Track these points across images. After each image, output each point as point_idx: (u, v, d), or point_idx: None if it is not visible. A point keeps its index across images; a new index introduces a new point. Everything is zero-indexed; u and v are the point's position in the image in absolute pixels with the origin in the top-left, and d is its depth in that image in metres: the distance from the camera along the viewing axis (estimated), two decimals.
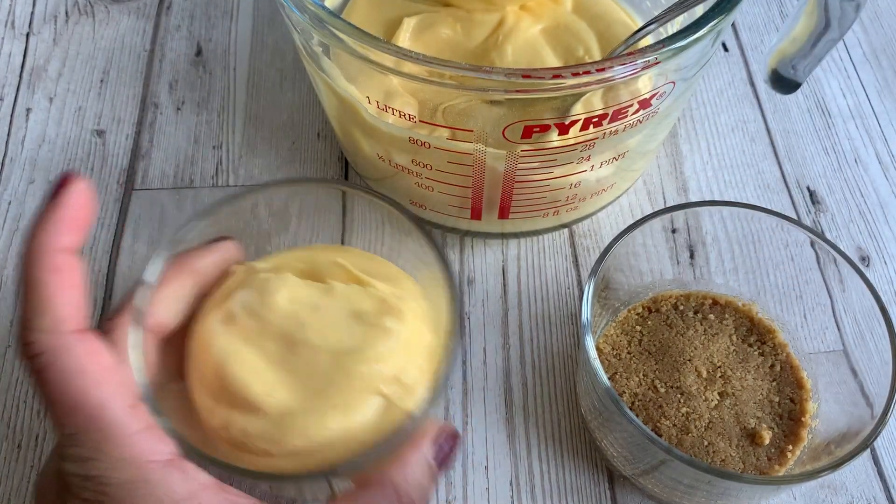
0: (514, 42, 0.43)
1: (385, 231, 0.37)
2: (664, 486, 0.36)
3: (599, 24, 0.45)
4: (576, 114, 0.35)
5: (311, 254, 0.38)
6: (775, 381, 0.40)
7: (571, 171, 0.39)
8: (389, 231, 0.37)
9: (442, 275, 0.33)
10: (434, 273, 0.34)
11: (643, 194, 0.49)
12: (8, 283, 0.45)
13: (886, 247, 0.48)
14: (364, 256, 0.38)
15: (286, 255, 0.38)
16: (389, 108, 0.37)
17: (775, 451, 0.38)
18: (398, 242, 0.37)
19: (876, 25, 0.58)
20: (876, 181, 0.51)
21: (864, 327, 0.37)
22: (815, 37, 0.41)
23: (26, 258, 0.28)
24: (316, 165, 0.50)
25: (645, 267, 0.41)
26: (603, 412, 0.36)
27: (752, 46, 0.57)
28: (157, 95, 0.53)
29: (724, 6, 0.34)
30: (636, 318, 0.42)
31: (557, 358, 0.43)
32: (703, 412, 0.38)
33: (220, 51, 0.55)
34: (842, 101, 0.54)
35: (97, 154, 0.50)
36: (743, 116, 0.53)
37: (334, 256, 0.37)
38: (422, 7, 0.45)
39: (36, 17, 0.56)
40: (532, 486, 0.40)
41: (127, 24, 0.56)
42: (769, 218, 0.39)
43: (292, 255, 0.38)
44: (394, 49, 0.32)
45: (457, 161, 0.38)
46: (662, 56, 0.33)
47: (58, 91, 0.53)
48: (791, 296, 0.41)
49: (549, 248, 0.47)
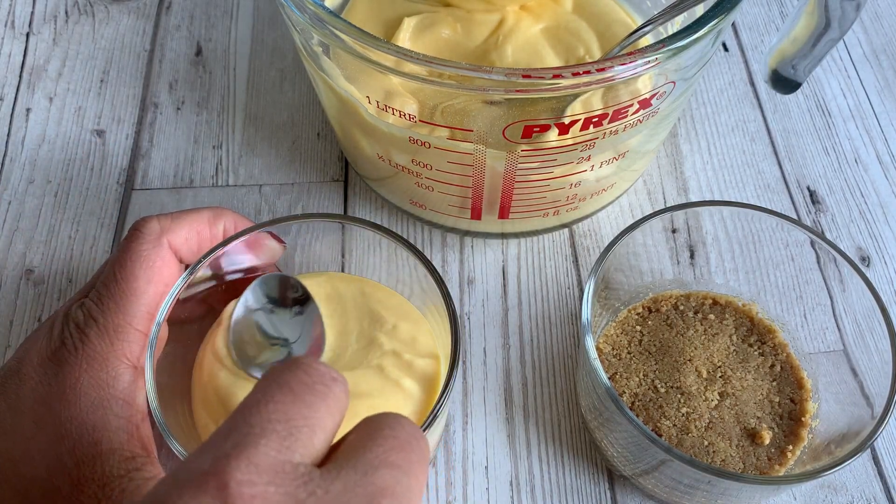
0: (514, 42, 0.43)
1: (386, 258, 0.39)
2: (664, 486, 0.36)
3: (599, 24, 0.45)
4: (576, 113, 0.35)
5: (330, 281, 0.38)
6: (775, 381, 0.40)
7: (571, 171, 0.39)
8: (393, 260, 0.38)
9: (446, 310, 0.35)
10: (438, 305, 0.36)
11: (643, 194, 0.49)
12: (8, 283, 0.45)
13: (886, 247, 0.48)
14: (375, 286, 0.39)
15: (306, 280, 0.38)
16: (389, 108, 0.37)
17: (775, 451, 0.38)
18: (401, 271, 0.38)
19: (876, 25, 0.58)
20: (876, 181, 0.51)
21: (864, 327, 0.37)
22: (816, 37, 0.41)
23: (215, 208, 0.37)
24: (316, 165, 0.50)
25: (645, 267, 0.41)
26: (603, 412, 0.36)
27: (752, 46, 0.57)
28: (156, 95, 0.53)
29: (724, 6, 0.34)
30: (636, 318, 0.42)
31: (557, 358, 0.43)
32: (703, 412, 0.38)
33: (220, 51, 0.55)
34: (842, 101, 0.54)
35: (97, 154, 0.50)
36: (743, 116, 0.53)
37: (353, 286, 0.38)
38: (422, 7, 0.45)
39: (36, 17, 0.56)
40: (532, 486, 0.40)
41: (127, 24, 0.56)
42: (769, 218, 0.39)
43: (308, 280, 0.38)
44: (394, 49, 0.32)
45: (457, 161, 0.38)
46: (662, 56, 0.33)
47: (58, 91, 0.53)
48: (791, 296, 0.41)
49: (549, 248, 0.47)
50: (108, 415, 0.30)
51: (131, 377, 0.32)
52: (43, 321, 0.35)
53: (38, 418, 0.31)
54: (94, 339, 0.32)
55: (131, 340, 0.32)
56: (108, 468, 0.29)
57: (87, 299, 0.33)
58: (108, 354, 0.31)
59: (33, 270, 0.45)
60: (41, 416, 0.31)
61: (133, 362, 0.32)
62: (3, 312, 0.44)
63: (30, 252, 0.46)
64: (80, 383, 0.31)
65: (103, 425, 0.30)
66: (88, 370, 0.31)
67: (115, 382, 0.31)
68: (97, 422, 0.30)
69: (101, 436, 0.30)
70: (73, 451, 0.30)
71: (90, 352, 0.31)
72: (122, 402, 0.31)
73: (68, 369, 0.31)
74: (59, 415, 0.30)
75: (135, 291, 0.33)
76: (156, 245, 0.34)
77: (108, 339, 0.32)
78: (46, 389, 0.31)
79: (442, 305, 0.35)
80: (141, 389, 0.32)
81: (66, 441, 0.30)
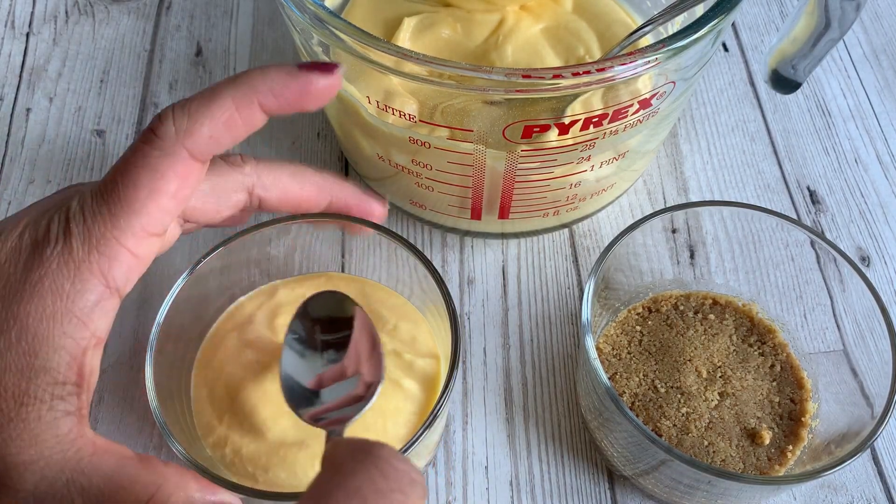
0: (515, 42, 0.43)
1: (387, 260, 0.38)
2: (664, 486, 0.36)
3: (599, 23, 0.45)
4: (576, 114, 0.35)
5: (330, 281, 0.38)
6: (775, 381, 0.40)
7: (571, 171, 0.39)
8: (393, 260, 0.38)
9: (446, 310, 0.34)
10: (438, 305, 0.35)
11: (643, 194, 0.49)
12: None
13: (886, 247, 0.48)
14: (375, 286, 0.39)
15: (309, 280, 0.38)
16: (389, 108, 0.37)
17: (775, 451, 0.38)
18: (401, 271, 0.38)
19: (876, 25, 0.58)
20: (876, 181, 0.51)
21: (864, 327, 0.37)
22: (816, 37, 0.41)
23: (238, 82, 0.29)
24: (316, 165, 0.50)
25: (645, 267, 0.41)
26: (603, 412, 0.36)
27: (752, 46, 0.57)
28: (157, 95, 0.53)
29: (724, 6, 0.34)
30: (636, 318, 0.42)
31: (557, 358, 0.43)
32: (703, 412, 0.38)
33: (220, 51, 0.55)
34: (842, 101, 0.54)
35: (97, 154, 0.50)
36: (743, 116, 0.53)
37: (353, 286, 0.38)
38: (422, 7, 0.45)
39: (36, 17, 0.56)
40: (532, 486, 0.40)
41: (127, 24, 0.56)
42: (769, 218, 0.39)
43: (311, 281, 0.38)
44: (394, 49, 0.32)
45: (457, 161, 0.38)
46: (662, 56, 0.33)
47: (58, 91, 0.53)
48: (791, 296, 0.41)
49: (549, 248, 0.47)
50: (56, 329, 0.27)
51: (97, 297, 0.28)
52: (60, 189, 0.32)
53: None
54: (74, 241, 0.28)
55: (112, 256, 0.28)
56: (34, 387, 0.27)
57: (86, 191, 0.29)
58: (80, 263, 0.28)
59: None
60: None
61: (106, 280, 0.28)
62: None
63: None
64: (41, 285, 0.27)
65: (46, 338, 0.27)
66: (56, 273, 0.28)
67: (78, 297, 0.28)
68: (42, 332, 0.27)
69: (40, 349, 0.27)
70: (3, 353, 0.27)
71: (65, 254, 0.28)
72: (76, 320, 0.28)
73: (37, 262, 0.28)
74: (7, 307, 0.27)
75: (131, 203, 0.28)
76: (168, 153, 0.29)
77: (87, 246, 0.28)
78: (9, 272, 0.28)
79: (442, 305, 0.35)
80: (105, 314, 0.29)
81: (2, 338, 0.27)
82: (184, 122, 0.29)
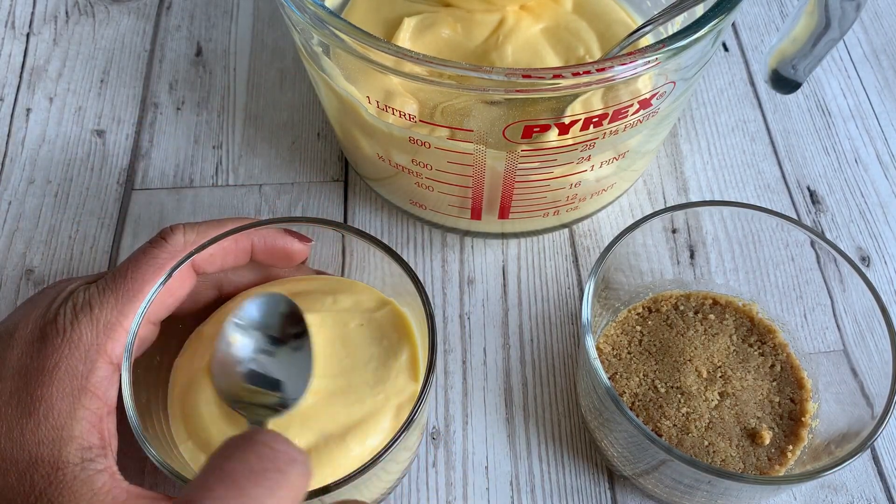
0: (515, 42, 0.43)
1: None
2: (664, 486, 0.36)
3: (599, 24, 0.45)
4: (576, 114, 0.35)
5: (326, 284, 0.38)
6: (775, 381, 0.40)
7: (571, 171, 0.39)
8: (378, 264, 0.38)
9: (427, 322, 0.34)
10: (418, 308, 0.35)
11: (643, 194, 0.49)
12: (8, 283, 0.45)
13: (886, 247, 0.48)
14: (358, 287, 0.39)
15: (296, 282, 0.38)
16: (389, 108, 0.37)
17: (775, 451, 0.38)
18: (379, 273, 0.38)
19: (876, 25, 0.58)
20: (876, 181, 0.51)
21: (864, 327, 0.37)
22: (816, 37, 0.41)
23: (241, 222, 0.37)
24: (316, 165, 0.50)
25: (645, 267, 0.41)
26: (603, 412, 0.36)
27: (752, 46, 0.57)
28: (156, 95, 0.53)
29: (724, 6, 0.34)
30: (636, 318, 0.42)
31: (557, 358, 0.43)
32: (703, 412, 0.38)
33: (220, 51, 0.55)
34: (842, 101, 0.54)
35: (97, 154, 0.50)
36: (743, 116, 0.53)
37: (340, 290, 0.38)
38: (422, 7, 0.45)
39: (36, 17, 0.56)
40: (532, 486, 0.40)
41: (127, 24, 0.56)
42: (769, 218, 0.39)
43: (301, 283, 0.38)
44: (394, 49, 0.32)
45: (457, 161, 0.38)
46: (662, 56, 0.33)
47: (58, 91, 0.53)
48: (791, 296, 0.41)
49: (549, 248, 0.47)
50: (77, 405, 0.32)
51: (107, 373, 0.33)
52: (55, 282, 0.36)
53: (14, 388, 0.32)
54: (84, 328, 0.32)
55: (118, 339, 0.33)
56: (65, 453, 0.31)
57: (94, 285, 0.34)
58: (91, 347, 0.32)
59: (33, 270, 0.45)
60: (17, 387, 0.32)
61: (114, 360, 0.33)
62: (3, 312, 0.44)
63: (30, 252, 0.46)
64: (58, 369, 0.32)
65: (69, 413, 0.31)
66: (69, 357, 0.32)
67: (91, 376, 0.32)
68: (65, 408, 0.31)
69: (66, 422, 0.31)
70: (35, 430, 0.31)
71: (76, 339, 0.32)
72: (92, 395, 0.32)
73: (51, 350, 0.32)
74: (33, 392, 0.31)
75: (137, 293, 0.33)
76: (174, 257, 0.35)
77: (96, 331, 0.32)
78: (28, 363, 0.32)
79: (420, 306, 0.34)
80: (114, 385, 0.33)
81: (32, 418, 0.31)
82: (192, 236, 0.35)
